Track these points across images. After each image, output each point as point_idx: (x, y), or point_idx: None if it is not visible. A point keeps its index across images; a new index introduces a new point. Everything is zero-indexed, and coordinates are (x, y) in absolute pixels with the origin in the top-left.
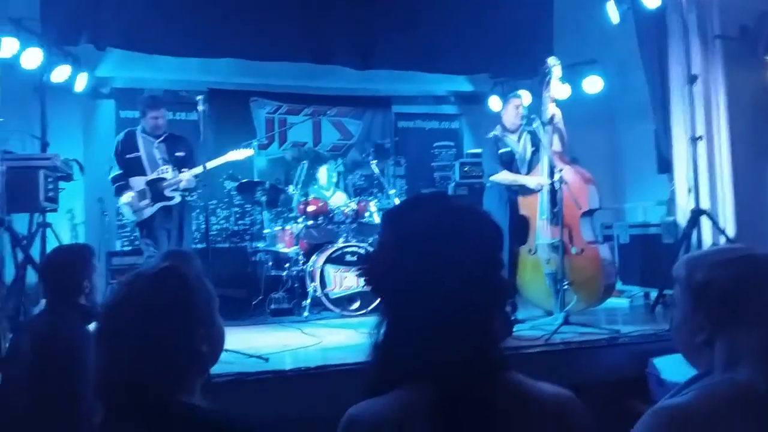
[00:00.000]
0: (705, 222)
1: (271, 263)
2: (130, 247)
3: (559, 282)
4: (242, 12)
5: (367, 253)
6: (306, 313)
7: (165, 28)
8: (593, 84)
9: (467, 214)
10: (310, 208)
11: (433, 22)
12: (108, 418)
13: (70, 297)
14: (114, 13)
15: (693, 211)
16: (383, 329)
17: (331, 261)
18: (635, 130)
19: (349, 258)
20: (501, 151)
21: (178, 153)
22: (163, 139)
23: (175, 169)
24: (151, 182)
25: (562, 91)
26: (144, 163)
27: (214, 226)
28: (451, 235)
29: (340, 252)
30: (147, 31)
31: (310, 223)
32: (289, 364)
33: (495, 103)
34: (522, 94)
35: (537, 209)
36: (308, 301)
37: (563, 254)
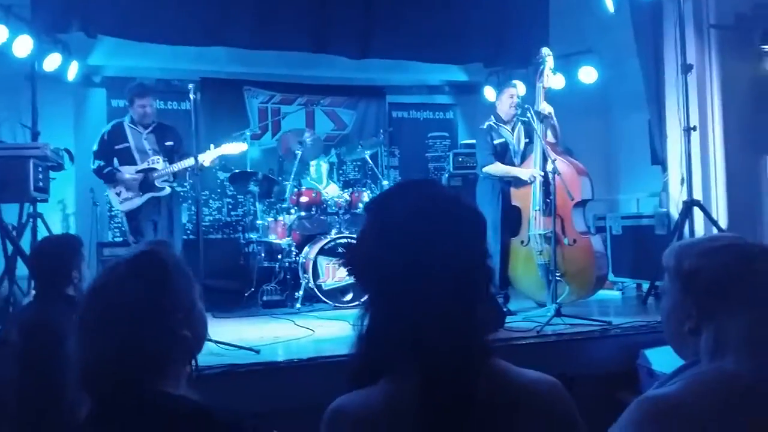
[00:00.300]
0: (698, 213)
1: (263, 254)
2: (121, 238)
3: (551, 273)
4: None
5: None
6: (298, 305)
7: (157, 15)
8: (588, 74)
9: (448, 202)
10: (303, 199)
11: (428, 10)
12: (93, 409)
13: (59, 287)
14: (105, 0)
15: (685, 202)
16: (367, 320)
17: (323, 252)
18: (630, 120)
19: (341, 249)
20: (495, 142)
21: (167, 143)
22: (152, 129)
23: (165, 160)
24: (141, 172)
25: (555, 82)
26: (134, 153)
27: (207, 217)
28: (431, 223)
29: (333, 243)
30: (139, 19)
31: (303, 214)
32: (281, 356)
33: (490, 93)
34: (516, 84)
35: (530, 200)
36: (301, 293)
37: (555, 245)
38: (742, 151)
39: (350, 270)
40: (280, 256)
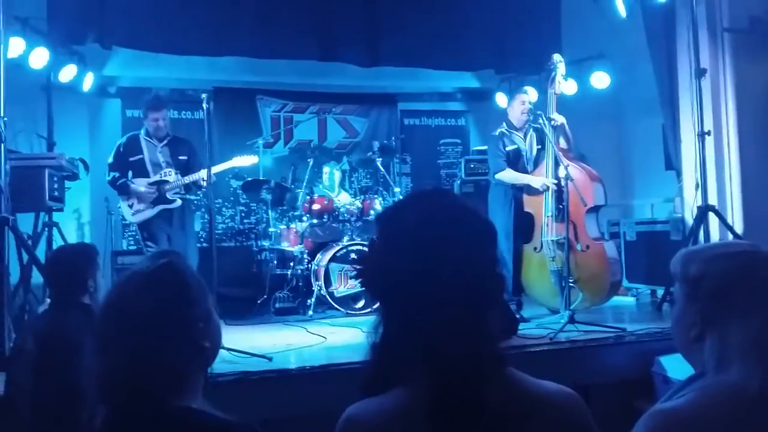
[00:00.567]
0: (713, 218)
1: (276, 262)
2: (135, 247)
3: (565, 279)
4: (247, 10)
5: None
6: (311, 312)
7: (170, 27)
8: (600, 79)
9: (457, 211)
10: (315, 207)
11: (437, 17)
12: (108, 420)
13: (74, 296)
14: (120, 12)
15: (700, 208)
16: (381, 329)
17: (335, 259)
18: (643, 125)
19: (353, 257)
20: (508, 149)
21: (181, 156)
22: (167, 142)
23: (177, 173)
24: (153, 184)
25: (567, 87)
26: (147, 165)
27: (220, 225)
28: (441, 232)
29: (345, 250)
30: (152, 30)
31: (315, 221)
32: (293, 363)
33: (502, 100)
34: (528, 91)
35: (542, 206)
36: (313, 300)
37: (568, 251)
38: (757, 155)
39: (362, 281)
40: (292, 264)
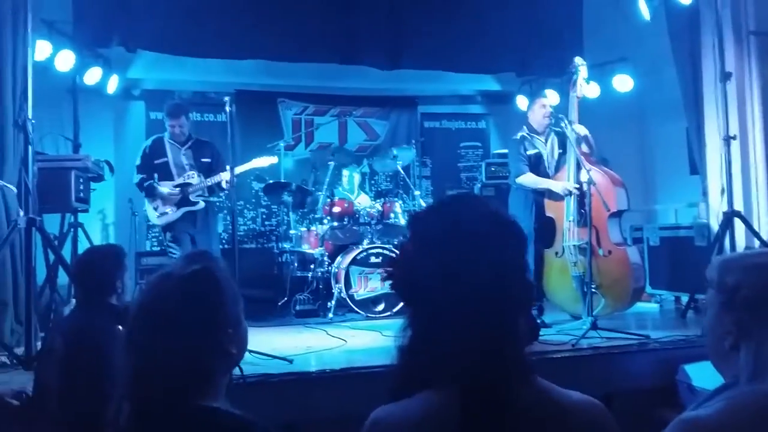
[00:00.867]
0: (738, 224)
1: (296, 264)
2: (158, 248)
3: (587, 285)
4: (269, 14)
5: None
6: (331, 315)
7: (193, 30)
8: (623, 83)
9: (490, 218)
10: (336, 209)
11: (458, 20)
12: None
13: (102, 297)
14: (144, 16)
15: (726, 213)
16: (409, 333)
17: (356, 262)
18: (666, 129)
19: (374, 259)
20: (529, 153)
21: (204, 159)
22: (190, 145)
23: (200, 175)
24: (177, 187)
25: (589, 91)
26: (171, 168)
27: (241, 227)
28: (473, 239)
29: (365, 253)
30: (176, 34)
31: (336, 224)
32: (313, 366)
33: (522, 103)
34: (549, 94)
35: (563, 211)
36: (333, 303)
37: (591, 256)
38: None
39: (392, 284)
40: (312, 266)
